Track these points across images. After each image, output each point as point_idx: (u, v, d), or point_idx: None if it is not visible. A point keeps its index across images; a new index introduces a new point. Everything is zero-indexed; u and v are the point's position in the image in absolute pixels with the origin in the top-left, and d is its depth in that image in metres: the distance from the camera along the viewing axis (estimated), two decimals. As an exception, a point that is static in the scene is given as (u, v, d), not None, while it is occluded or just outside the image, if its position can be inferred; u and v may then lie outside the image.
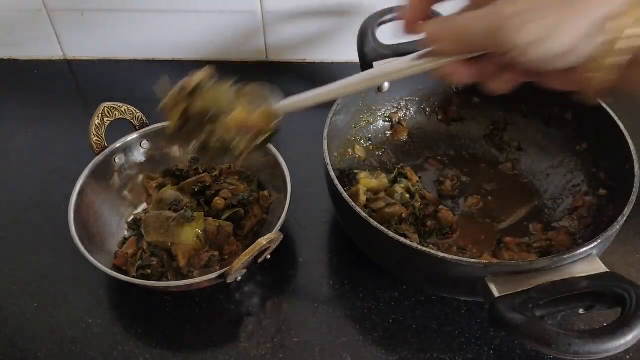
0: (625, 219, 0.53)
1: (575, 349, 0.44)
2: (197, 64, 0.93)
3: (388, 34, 0.74)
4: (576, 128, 0.67)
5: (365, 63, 0.73)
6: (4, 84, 0.94)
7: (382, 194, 0.66)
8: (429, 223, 0.66)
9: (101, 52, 0.96)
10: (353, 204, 0.56)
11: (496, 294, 0.49)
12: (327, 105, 0.66)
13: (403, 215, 0.64)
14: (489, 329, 0.59)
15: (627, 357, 0.57)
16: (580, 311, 0.51)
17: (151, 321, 0.61)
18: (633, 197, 0.55)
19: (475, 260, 0.51)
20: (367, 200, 0.65)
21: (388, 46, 0.73)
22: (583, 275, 0.50)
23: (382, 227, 0.53)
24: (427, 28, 0.40)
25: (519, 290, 0.49)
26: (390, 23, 0.76)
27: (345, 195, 0.57)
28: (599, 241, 0.51)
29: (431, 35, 0.40)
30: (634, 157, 0.58)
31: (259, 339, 0.59)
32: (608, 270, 0.50)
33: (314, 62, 0.95)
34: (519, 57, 0.36)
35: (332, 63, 0.94)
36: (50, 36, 0.93)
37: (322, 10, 0.87)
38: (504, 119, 0.75)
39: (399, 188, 0.67)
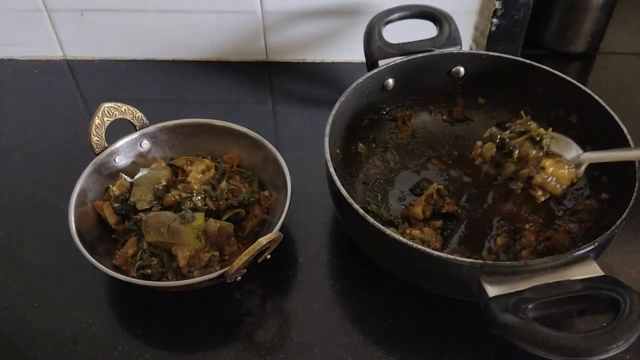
0: (623, 224, 0.53)
1: (566, 352, 0.44)
2: (197, 64, 0.95)
3: (394, 33, 0.74)
4: (581, 131, 0.67)
5: (371, 61, 0.73)
6: (4, 84, 0.94)
7: None
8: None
9: (101, 52, 0.96)
10: (353, 203, 0.56)
11: (490, 294, 0.49)
12: (328, 105, 0.66)
13: None
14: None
15: (627, 357, 0.57)
16: (574, 315, 0.51)
17: (151, 321, 0.61)
18: (632, 202, 0.54)
19: (470, 260, 0.51)
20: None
21: (394, 45, 0.73)
22: (578, 278, 0.50)
23: (382, 227, 0.53)
24: None
25: (513, 291, 0.49)
26: (397, 22, 0.76)
27: (345, 193, 0.57)
28: (595, 244, 0.51)
29: None
30: (636, 161, 0.58)
31: (259, 339, 0.59)
32: (604, 274, 0.50)
33: (314, 62, 0.95)
34: None
35: (332, 63, 0.94)
36: (50, 36, 0.93)
37: (323, 10, 0.87)
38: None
39: None
